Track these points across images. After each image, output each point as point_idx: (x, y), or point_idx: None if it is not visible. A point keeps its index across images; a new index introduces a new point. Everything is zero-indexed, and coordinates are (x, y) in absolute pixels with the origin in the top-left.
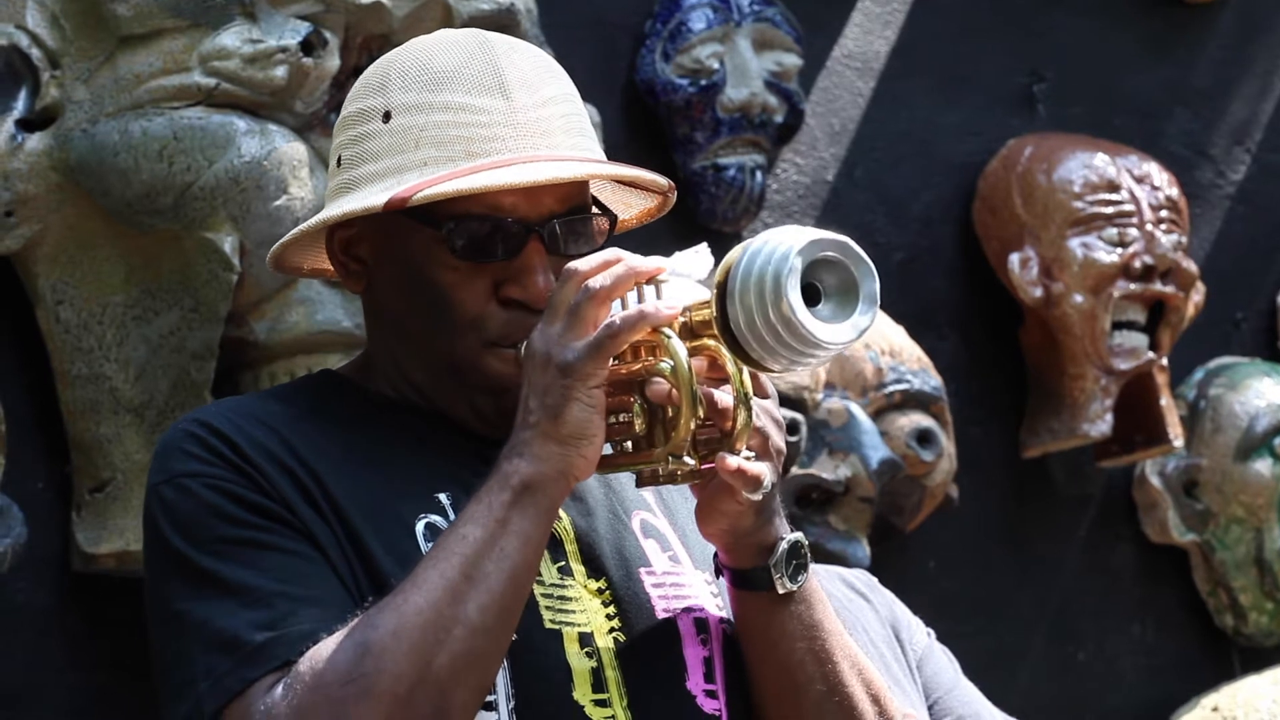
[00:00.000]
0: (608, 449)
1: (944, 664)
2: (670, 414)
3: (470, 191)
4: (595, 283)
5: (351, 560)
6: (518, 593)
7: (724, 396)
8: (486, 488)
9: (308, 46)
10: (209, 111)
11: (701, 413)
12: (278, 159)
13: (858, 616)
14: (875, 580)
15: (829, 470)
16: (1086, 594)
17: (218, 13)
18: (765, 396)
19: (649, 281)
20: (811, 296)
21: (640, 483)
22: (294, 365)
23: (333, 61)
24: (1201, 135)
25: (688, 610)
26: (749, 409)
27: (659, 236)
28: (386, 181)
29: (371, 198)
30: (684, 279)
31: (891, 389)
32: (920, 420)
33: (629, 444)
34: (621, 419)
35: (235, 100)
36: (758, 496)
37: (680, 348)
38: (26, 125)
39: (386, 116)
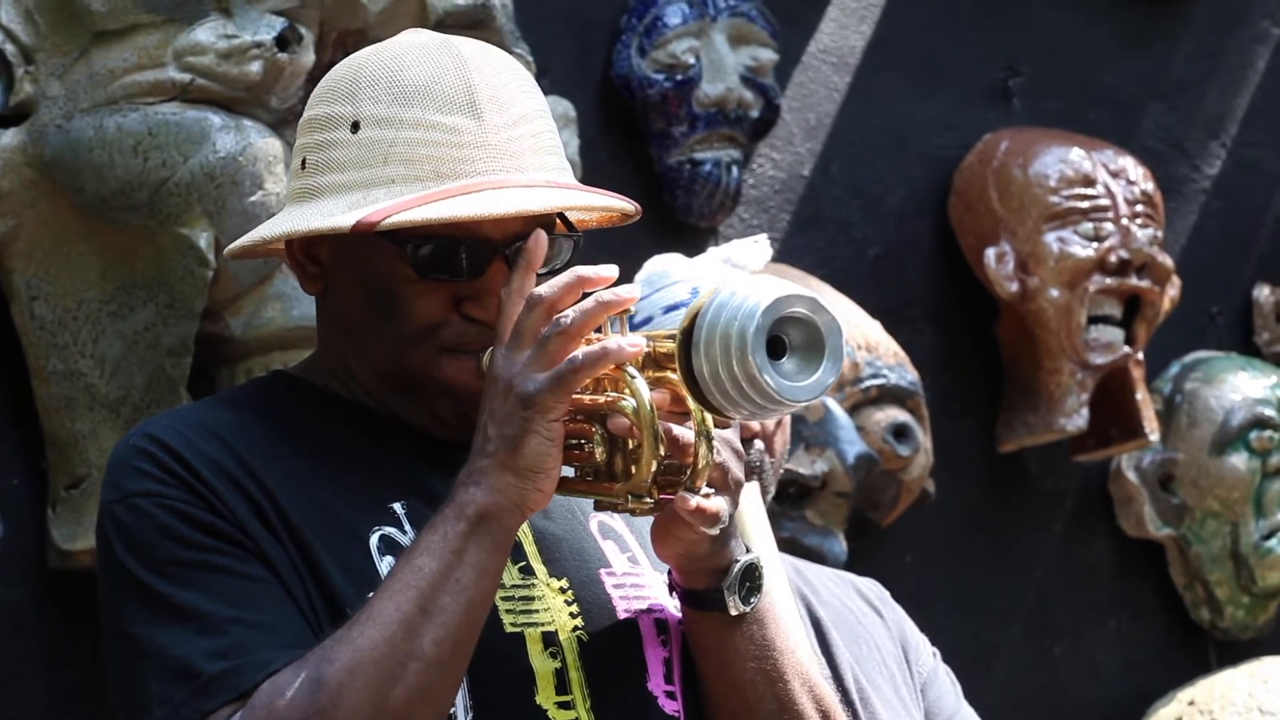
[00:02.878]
0: (568, 470)
1: (947, 688)
2: (631, 446)
3: (438, 221)
4: (565, 318)
5: (305, 577)
6: (473, 625)
7: (685, 432)
8: (442, 516)
9: (283, 42)
10: (184, 107)
11: (662, 451)
12: (253, 154)
13: (870, 631)
14: (887, 594)
15: (805, 465)
16: (1063, 588)
17: (192, 8)
18: (725, 427)
19: (620, 313)
20: (777, 349)
21: (598, 508)
22: (270, 361)
23: (308, 57)
24: (1177, 129)
25: (648, 611)
26: (710, 445)
27: (635, 232)
28: (352, 195)
29: (338, 215)
30: (738, 270)
31: (868, 384)
32: (897, 415)
33: (589, 471)
34: (581, 445)
35: (210, 96)
36: (715, 531)
37: (643, 389)
38: (0, 121)
39: (355, 126)
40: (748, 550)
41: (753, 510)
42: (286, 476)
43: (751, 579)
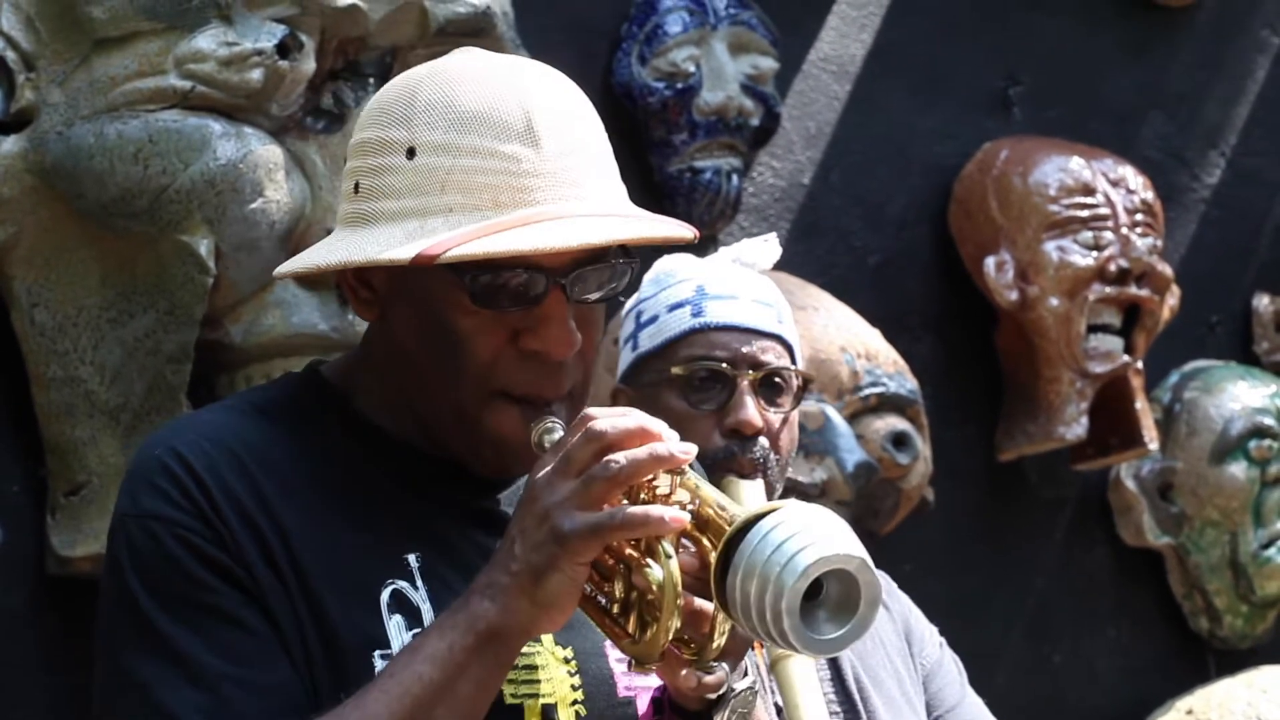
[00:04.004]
0: (586, 587)
1: (952, 678)
2: (649, 599)
3: (499, 256)
4: (616, 462)
5: (306, 627)
6: None
7: (704, 605)
8: (452, 623)
9: (283, 49)
10: (184, 114)
11: (678, 623)
12: (253, 162)
13: (877, 626)
14: (894, 584)
15: (805, 473)
16: (1062, 596)
17: (193, 15)
18: None
19: (671, 471)
20: (813, 590)
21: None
22: (270, 368)
23: (308, 64)
24: (1176, 139)
25: (648, 688)
26: (726, 625)
27: None
28: (409, 224)
29: (395, 244)
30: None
31: (867, 392)
32: (896, 423)
33: (602, 599)
34: (604, 585)
35: (211, 103)
36: (712, 696)
37: (674, 569)
38: (1, 128)
39: (411, 153)
40: (745, 675)
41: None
42: (304, 514)
43: (743, 706)
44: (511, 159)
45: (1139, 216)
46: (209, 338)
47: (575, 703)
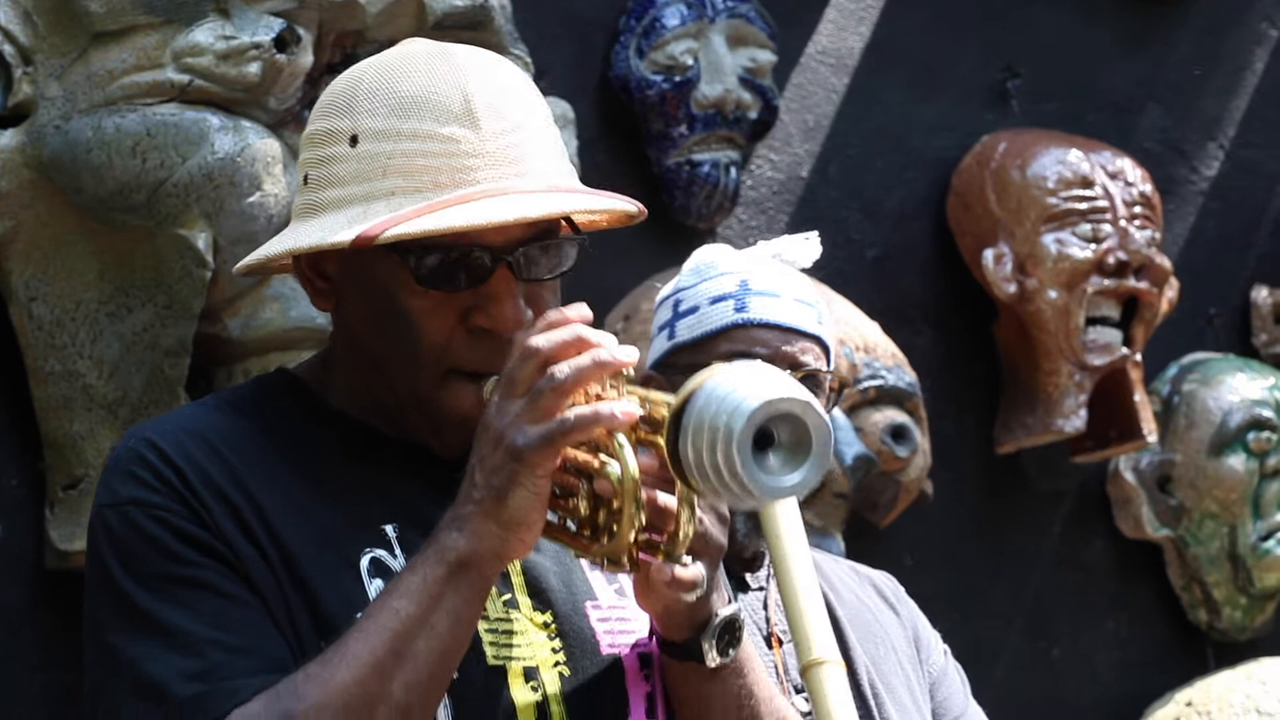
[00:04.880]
0: (551, 516)
1: (956, 687)
2: (615, 505)
3: (437, 232)
4: (560, 372)
5: (290, 598)
6: (445, 670)
7: (669, 500)
8: (423, 558)
9: (281, 43)
10: (182, 108)
11: (644, 519)
12: (251, 155)
13: (886, 629)
14: (902, 589)
15: None
16: (1061, 589)
17: (191, 9)
18: None
19: (614, 375)
20: (764, 440)
21: (576, 557)
22: (268, 362)
23: (306, 58)
24: (1174, 131)
25: (633, 645)
26: (692, 514)
27: (633, 234)
28: (353, 210)
29: (339, 230)
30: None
31: (866, 385)
32: (895, 416)
33: (570, 521)
34: (566, 499)
35: (209, 97)
36: (692, 598)
37: (630, 458)
38: None
39: (353, 140)
40: (729, 601)
41: (789, 516)
42: (279, 492)
43: (731, 632)
44: (450, 140)
45: (1137, 209)
46: (207, 331)
47: (557, 664)
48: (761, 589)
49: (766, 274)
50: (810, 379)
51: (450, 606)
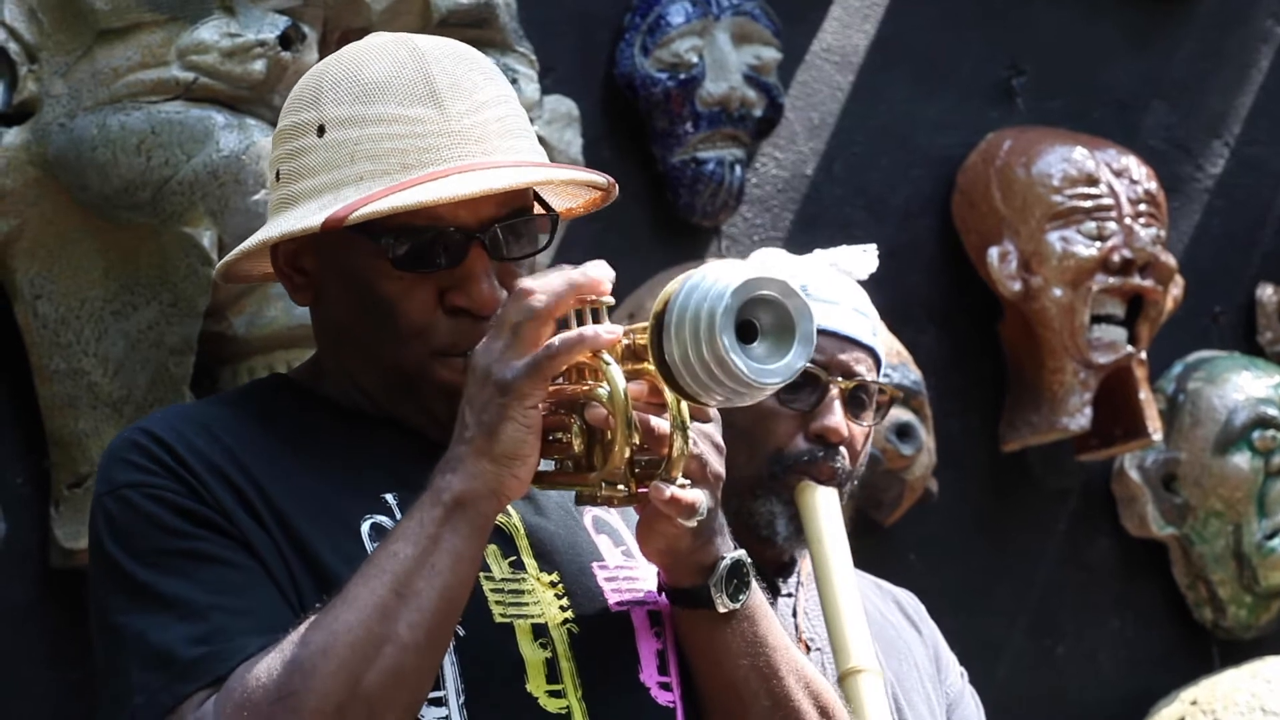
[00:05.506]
0: (548, 465)
1: (971, 711)
2: (608, 437)
3: (405, 209)
4: (537, 301)
5: (293, 564)
6: (449, 610)
7: (661, 423)
8: (419, 503)
9: (286, 40)
10: (187, 106)
11: (637, 439)
12: (256, 153)
13: (910, 647)
14: (924, 609)
15: None
16: (1066, 587)
17: (196, 6)
18: (706, 420)
19: (593, 298)
20: (748, 334)
21: (579, 501)
22: (273, 360)
23: (311, 55)
24: (1180, 129)
25: (641, 603)
26: (685, 435)
27: (638, 231)
28: (324, 198)
29: (309, 216)
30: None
31: None
32: (900, 414)
33: (568, 463)
34: (560, 438)
35: (213, 94)
36: (693, 523)
37: (618, 375)
38: (4, 119)
39: (321, 130)
40: (735, 547)
41: (833, 522)
42: (278, 469)
43: (739, 575)
44: (416, 121)
45: (1142, 207)
46: (212, 330)
47: (565, 622)
48: (791, 595)
49: (827, 281)
50: (861, 389)
51: (449, 546)
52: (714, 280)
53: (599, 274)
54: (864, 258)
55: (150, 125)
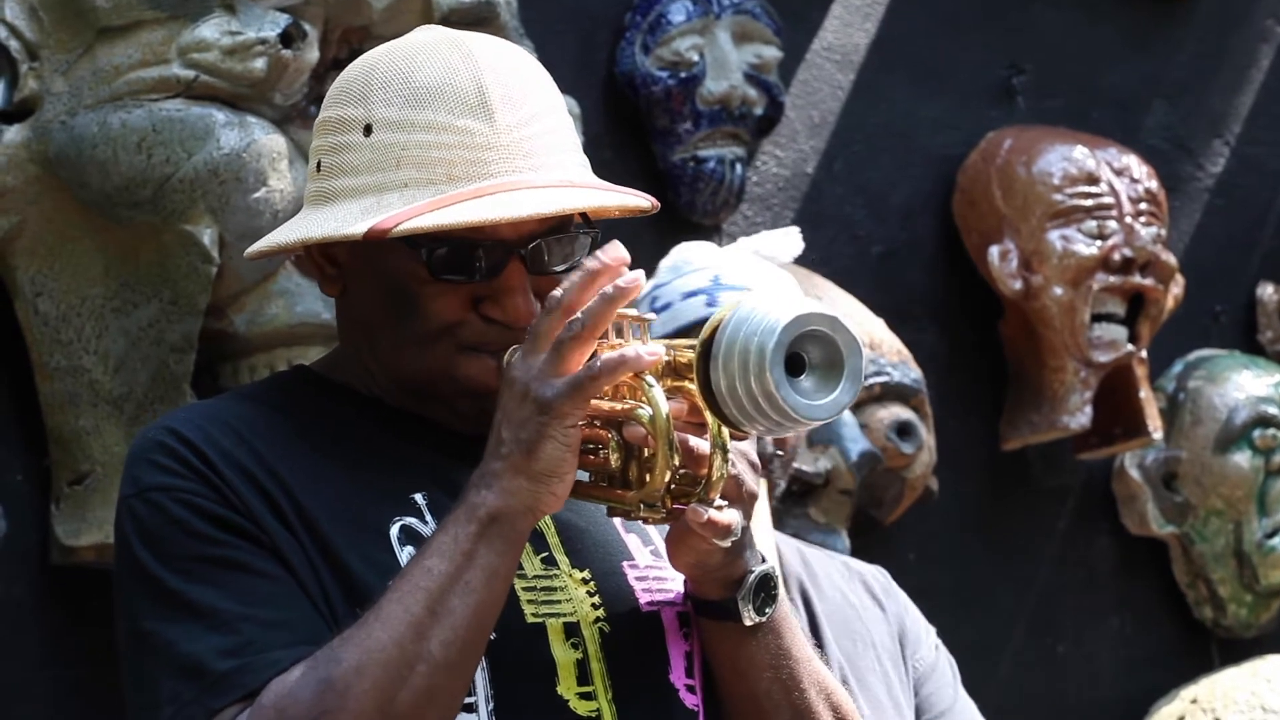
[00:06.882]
0: (582, 475)
1: (945, 681)
2: (645, 455)
3: (450, 227)
4: (577, 322)
5: (321, 572)
6: (482, 627)
7: (701, 443)
8: (453, 518)
9: (287, 38)
10: (188, 104)
11: (677, 461)
12: (257, 151)
13: (869, 627)
14: (893, 583)
15: (809, 462)
16: (1066, 586)
17: (197, 5)
18: (742, 439)
19: (634, 315)
20: (796, 366)
21: (611, 513)
22: (274, 358)
23: (312, 53)
24: (1180, 128)
25: (671, 603)
26: (725, 457)
27: (639, 230)
28: (366, 200)
29: (352, 221)
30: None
31: (871, 381)
32: (900, 413)
33: (603, 478)
34: (597, 453)
35: (214, 92)
36: (727, 544)
37: (660, 398)
38: (4, 117)
39: (368, 130)
40: (763, 560)
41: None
42: (304, 470)
43: (766, 589)
44: (465, 133)
45: (1143, 206)
46: (213, 327)
47: (597, 620)
48: None
49: (739, 268)
50: None
51: (484, 562)
52: (765, 313)
53: (631, 281)
54: (786, 241)
55: (151, 123)
